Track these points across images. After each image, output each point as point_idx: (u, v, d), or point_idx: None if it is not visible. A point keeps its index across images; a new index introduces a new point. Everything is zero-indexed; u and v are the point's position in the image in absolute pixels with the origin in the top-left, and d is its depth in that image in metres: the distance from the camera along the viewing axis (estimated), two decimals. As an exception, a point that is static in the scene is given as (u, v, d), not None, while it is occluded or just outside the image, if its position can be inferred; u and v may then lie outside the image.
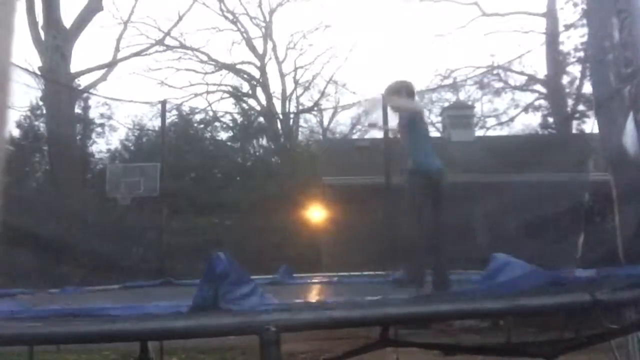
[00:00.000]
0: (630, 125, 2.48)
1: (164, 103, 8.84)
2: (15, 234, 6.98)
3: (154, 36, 19.13)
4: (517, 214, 8.50)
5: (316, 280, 6.25)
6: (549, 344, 1.91)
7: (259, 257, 8.90)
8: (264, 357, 1.49)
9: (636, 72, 2.46)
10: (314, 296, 4.17)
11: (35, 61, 13.58)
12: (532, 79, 14.95)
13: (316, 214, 11.57)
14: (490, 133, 16.17)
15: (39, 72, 12.50)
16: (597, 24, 2.91)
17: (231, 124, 17.48)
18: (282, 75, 21.93)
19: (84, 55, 23.09)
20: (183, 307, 1.94)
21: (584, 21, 9.79)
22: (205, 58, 20.55)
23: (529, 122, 15.77)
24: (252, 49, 21.39)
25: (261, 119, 18.93)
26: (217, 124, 17.20)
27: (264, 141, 17.78)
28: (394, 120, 4.81)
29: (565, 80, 13.75)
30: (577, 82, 13.29)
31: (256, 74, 21.38)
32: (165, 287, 5.99)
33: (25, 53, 13.66)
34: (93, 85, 16.16)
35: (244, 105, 21.06)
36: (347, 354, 1.94)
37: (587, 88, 12.32)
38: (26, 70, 10.29)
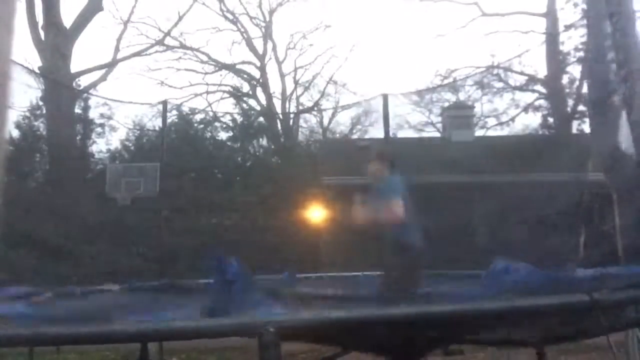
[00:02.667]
0: (624, 125, 2.48)
1: (164, 103, 8.85)
2: (16, 233, 6.98)
3: (154, 36, 19.17)
4: (517, 214, 8.49)
5: (320, 286, 6.25)
6: (545, 337, 1.91)
7: (258, 257, 8.89)
8: (263, 357, 1.49)
9: (629, 74, 2.46)
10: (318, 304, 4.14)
11: (35, 61, 13.60)
12: (532, 79, 14.94)
13: (316, 214, 11.56)
14: (490, 133, 16.16)
15: (39, 72, 12.49)
16: (594, 26, 2.91)
17: (231, 124, 17.47)
18: (282, 75, 21.95)
19: (84, 55, 23.14)
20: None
21: (584, 21, 9.79)
22: (205, 58, 20.57)
23: (529, 122, 15.74)
24: (252, 49, 21.40)
25: (261, 119, 18.92)
26: (217, 124, 17.19)
27: (264, 141, 17.78)
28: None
29: (565, 80, 13.75)
30: (577, 82, 13.28)
31: (256, 74, 21.40)
32: (167, 289, 5.99)
33: (25, 53, 13.68)
34: (93, 85, 16.17)
35: (244, 105, 21.07)
36: (346, 352, 1.94)
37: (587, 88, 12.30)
38: (26, 70, 10.28)
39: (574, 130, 12.68)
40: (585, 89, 12.36)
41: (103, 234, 9.94)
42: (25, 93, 10.59)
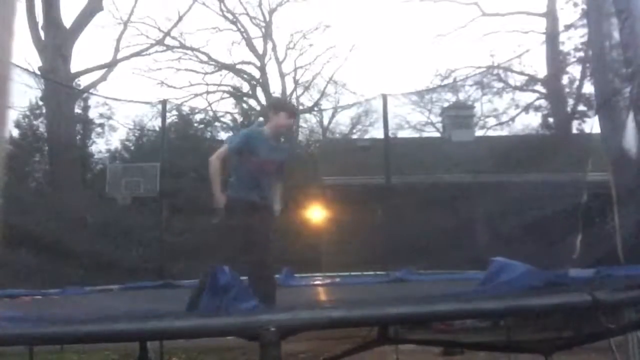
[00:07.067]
0: (630, 125, 2.48)
1: (164, 103, 8.84)
2: (15, 234, 6.97)
3: (154, 36, 19.15)
4: (517, 214, 8.49)
5: (318, 282, 6.25)
6: (548, 340, 1.91)
7: (259, 257, 8.86)
8: (264, 357, 1.49)
9: (637, 72, 2.45)
10: (317, 302, 4.15)
11: (35, 61, 13.59)
12: (532, 79, 14.92)
13: (316, 214, 11.56)
14: (490, 133, 16.15)
15: (39, 72, 12.48)
16: (597, 24, 2.90)
17: (231, 124, 17.47)
18: (282, 75, 21.94)
19: (84, 55, 23.13)
20: None
21: (584, 21, 9.78)
22: (205, 58, 20.56)
23: (529, 122, 15.73)
24: (252, 49, 21.39)
25: (261, 119, 18.92)
26: (217, 124, 17.20)
27: (264, 141, 17.74)
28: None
29: (565, 80, 13.72)
30: (577, 82, 13.25)
31: (256, 74, 21.39)
32: (165, 289, 6.00)
33: (25, 53, 13.67)
34: (93, 85, 16.15)
35: (244, 105, 21.06)
36: (346, 352, 1.94)
37: (587, 88, 12.29)
38: (26, 70, 10.27)
39: (574, 130, 12.67)
40: (585, 89, 12.36)
41: (103, 234, 9.93)
42: (25, 93, 10.60)
